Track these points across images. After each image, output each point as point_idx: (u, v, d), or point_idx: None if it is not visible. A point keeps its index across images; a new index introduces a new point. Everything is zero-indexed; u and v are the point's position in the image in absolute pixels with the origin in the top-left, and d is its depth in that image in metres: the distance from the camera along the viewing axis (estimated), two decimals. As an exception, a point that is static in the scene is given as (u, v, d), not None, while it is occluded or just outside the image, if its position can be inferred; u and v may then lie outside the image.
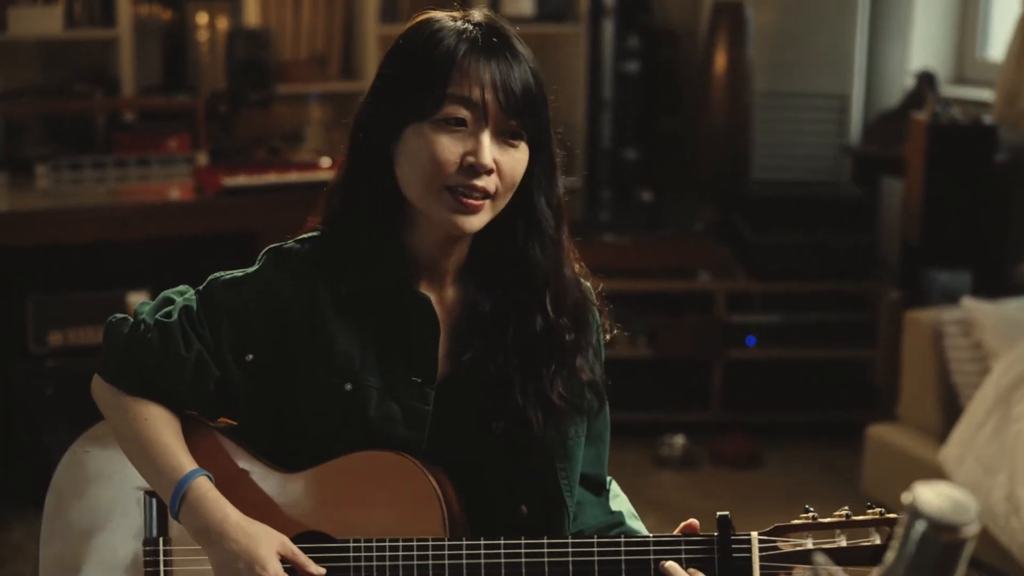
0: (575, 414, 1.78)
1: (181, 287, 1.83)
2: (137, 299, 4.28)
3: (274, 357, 1.75)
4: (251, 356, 1.74)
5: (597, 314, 1.85)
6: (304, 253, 1.76)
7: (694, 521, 1.69)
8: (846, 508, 1.61)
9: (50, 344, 4.19)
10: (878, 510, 1.56)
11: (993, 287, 4.46)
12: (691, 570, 1.64)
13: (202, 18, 5.01)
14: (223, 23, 5.01)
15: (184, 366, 1.73)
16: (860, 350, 4.86)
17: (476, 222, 1.69)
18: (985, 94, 5.04)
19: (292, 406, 1.76)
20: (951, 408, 3.99)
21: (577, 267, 1.82)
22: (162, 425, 1.74)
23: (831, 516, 1.60)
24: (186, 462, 1.71)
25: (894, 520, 1.52)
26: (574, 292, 1.79)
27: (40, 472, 3.96)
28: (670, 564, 1.63)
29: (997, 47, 5.28)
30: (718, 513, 1.64)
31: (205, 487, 1.69)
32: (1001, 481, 3.64)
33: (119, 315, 1.80)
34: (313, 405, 1.73)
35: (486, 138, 1.66)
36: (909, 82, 5.29)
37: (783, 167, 5.31)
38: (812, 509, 1.63)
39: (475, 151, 1.65)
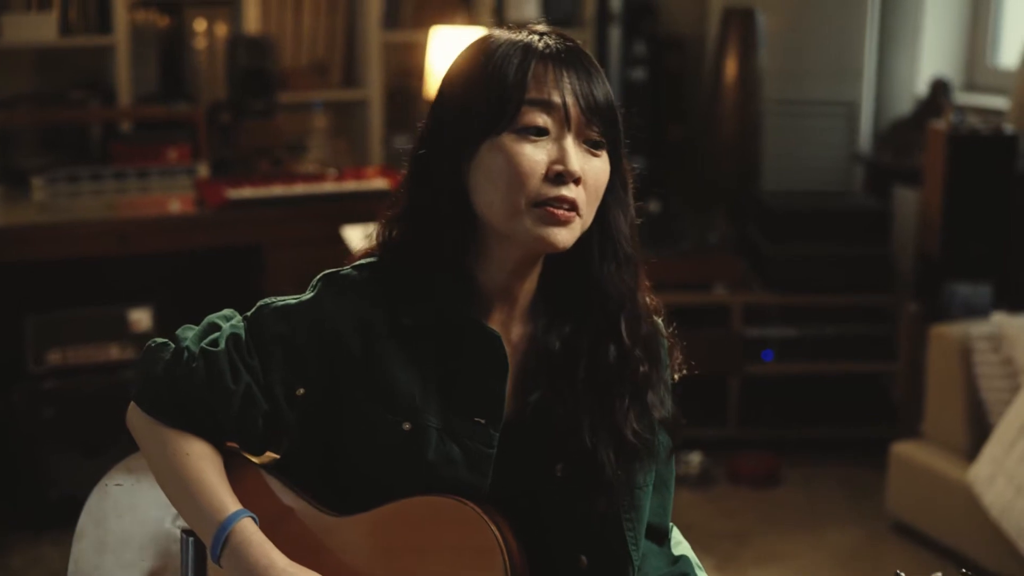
0: (646, 455, 1.68)
1: (226, 311, 1.72)
2: (139, 316, 4.16)
3: (327, 392, 1.64)
4: (302, 390, 1.63)
5: (667, 349, 1.75)
6: (363, 281, 1.65)
7: None
8: (939, 574, 1.53)
9: (49, 364, 4.05)
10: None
11: (1014, 300, 4.38)
12: None
13: (200, 25, 4.88)
14: (222, 30, 4.89)
15: (231, 399, 1.62)
16: (879, 364, 4.76)
17: (568, 236, 1.59)
18: (998, 102, 4.96)
19: (344, 445, 1.65)
20: (979, 426, 3.90)
21: (648, 299, 1.72)
22: (204, 461, 1.63)
23: None
24: (230, 502, 1.60)
25: None
26: (648, 321, 1.70)
27: (39, 496, 3.91)
28: None
29: (1008, 54, 5.20)
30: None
31: (250, 530, 1.58)
32: (1032, 504, 3.56)
33: (159, 339, 1.68)
34: (367, 444, 1.63)
35: (571, 144, 1.57)
36: (920, 89, 5.21)
37: (793, 176, 5.22)
38: (902, 573, 1.54)
39: (562, 158, 1.57)
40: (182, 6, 4.83)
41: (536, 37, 1.61)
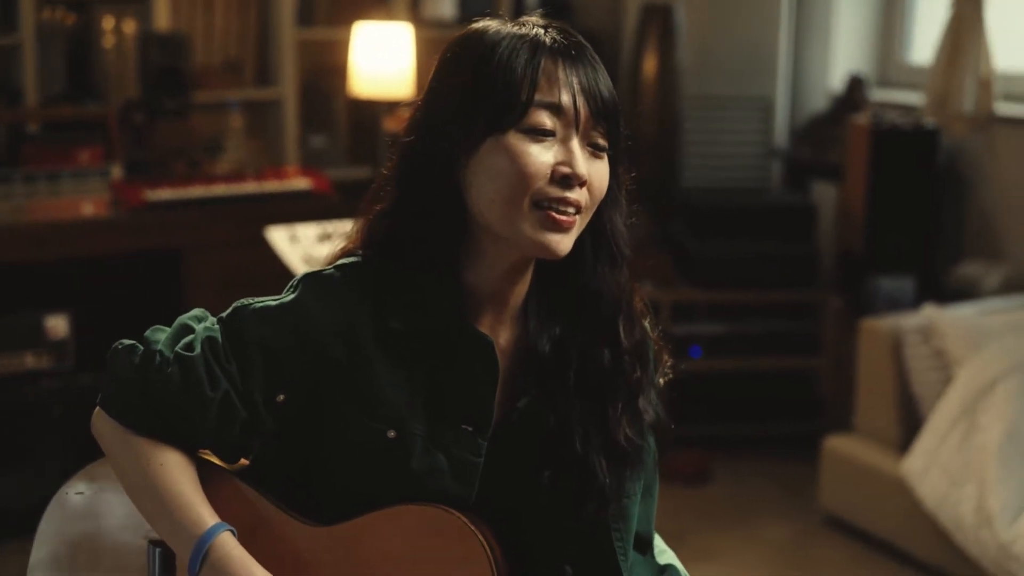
0: (636, 461, 1.64)
1: (196, 311, 1.63)
2: (56, 323, 4.02)
3: (308, 397, 1.56)
4: (283, 396, 1.55)
5: (655, 352, 1.70)
6: (346, 282, 1.57)
7: None
8: None
9: (-38, 374, 3.89)
10: None
11: (936, 293, 4.43)
12: None
13: (108, 22, 4.74)
14: (130, 27, 4.75)
15: (208, 407, 1.53)
16: (805, 359, 4.79)
17: (568, 243, 1.54)
18: (912, 97, 5.03)
19: (324, 452, 1.57)
20: (911, 418, 3.93)
21: (637, 300, 1.68)
22: (179, 472, 1.54)
23: None
24: (207, 516, 1.52)
25: None
26: (641, 325, 1.65)
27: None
28: None
29: (920, 50, 5.28)
30: None
31: (230, 545, 1.51)
32: (969, 493, 3.60)
33: (127, 341, 1.58)
34: (350, 452, 1.55)
35: (577, 146, 1.52)
36: (834, 86, 5.26)
37: (711, 173, 5.22)
38: None
39: (568, 160, 1.51)
40: (89, 4, 4.68)
41: (541, 31, 1.55)
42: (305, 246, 3.91)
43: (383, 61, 4.20)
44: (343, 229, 4.11)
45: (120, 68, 4.73)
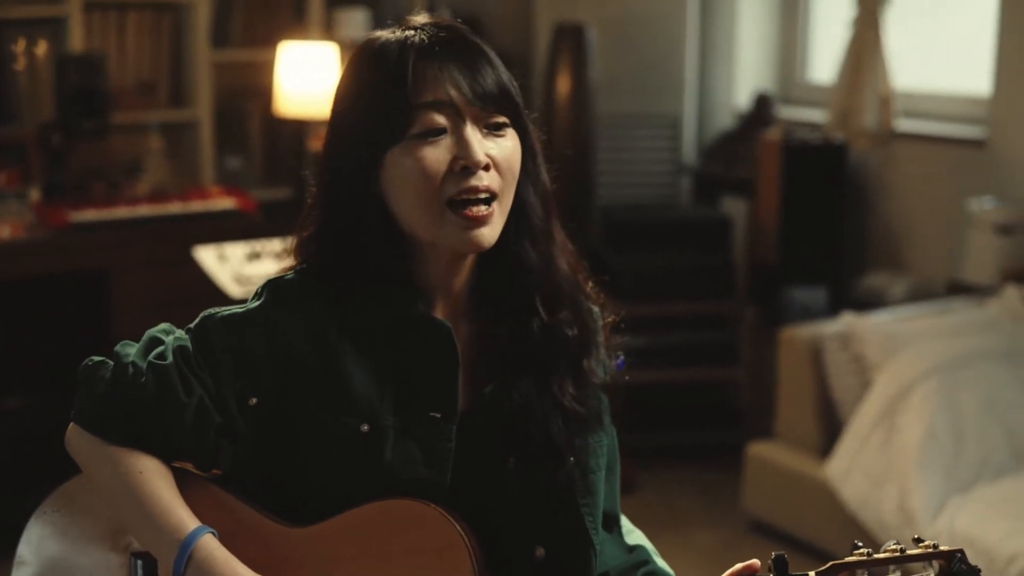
0: (594, 424, 1.68)
1: (164, 326, 1.66)
2: (-21, 348, 3.96)
3: (279, 400, 1.59)
4: (255, 400, 1.59)
5: (596, 311, 1.74)
6: (308, 286, 1.62)
7: (755, 562, 1.61)
8: (896, 542, 1.54)
9: None
10: (930, 542, 1.51)
11: (842, 302, 4.58)
12: None
13: (20, 44, 4.68)
14: (42, 49, 4.70)
15: (184, 413, 1.56)
16: (724, 370, 4.90)
17: (489, 233, 1.58)
18: (813, 114, 5.20)
19: (298, 452, 1.60)
20: (830, 423, 4.06)
21: (569, 263, 1.70)
22: (158, 479, 1.57)
23: (884, 551, 1.53)
24: (188, 519, 1.55)
25: (947, 553, 1.48)
26: (569, 286, 1.68)
27: None
28: None
29: (820, 70, 5.46)
30: (774, 554, 1.56)
31: (213, 546, 1.54)
32: (891, 493, 3.73)
33: (96, 358, 1.61)
34: (324, 449, 1.58)
35: (471, 135, 1.56)
36: (739, 104, 5.41)
37: (624, 190, 5.33)
38: (862, 544, 1.56)
39: (463, 152, 1.55)
40: (0, 25, 4.63)
41: (412, 32, 1.58)
42: (234, 265, 3.92)
43: (307, 81, 4.23)
44: (271, 247, 4.13)
45: (33, 90, 4.68)
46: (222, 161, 5.10)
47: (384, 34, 1.61)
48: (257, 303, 1.62)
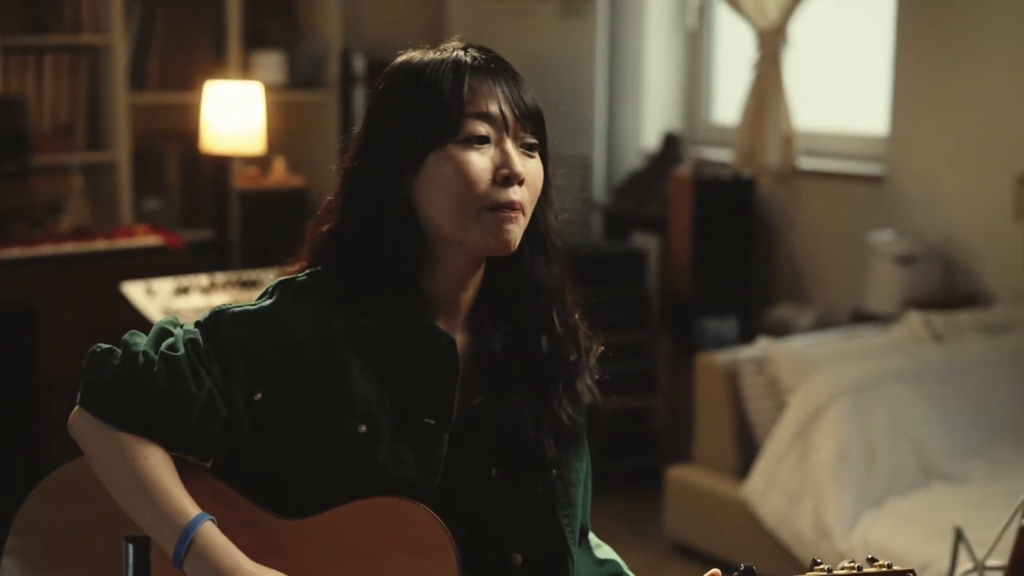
0: (579, 442, 1.77)
1: (171, 318, 1.70)
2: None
3: (283, 396, 1.65)
4: (260, 395, 1.64)
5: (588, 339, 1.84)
6: (318, 287, 1.69)
7: (717, 571, 1.70)
8: (852, 560, 1.63)
9: None
10: (885, 563, 1.60)
11: (752, 333, 4.75)
12: None
13: (-63, 87, 4.70)
14: (-41, 91, 4.72)
15: (193, 405, 1.61)
16: (643, 398, 5.03)
17: (517, 235, 1.66)
18: (718, 154, 5.39)
19: (295, 448, 1.66)
20: (747, 445, 4.20)
21: (569, 293, 1.81)
22: (162, 465, 1.61)
23: (842, 569, 1.62)
24: (190, 506, 1.59)
25: (901, 572, 1.57)
26: (574, 312, 1.79)
27: None
28: None
29: (723, 111, 5.66)
30: (742, 565, 1.65)
31: (213, 533, 1.58)
32: (807, 509, 3.87)
33: (104, 345, 1.64)
34: (321, 447, 1.64)
35: (511, 148, 1.66)
36: (647, 144, 5.59)
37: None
38: (821, 561, 1.64)
39: (506, 162, 1.64)
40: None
41: (462, 52, 1.70)
42: (162, 299, 3.96)
43: (234, 119, 4.30)
44: (198, 282, 4.17)
45: (-49, 132, 4.69)
46: (140, 202, 5.13)
47: (422, 54, 1.70)
48: (269, 301, 1.68)
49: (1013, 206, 4.63)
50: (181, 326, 1.68)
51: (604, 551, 1.91)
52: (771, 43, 5.11)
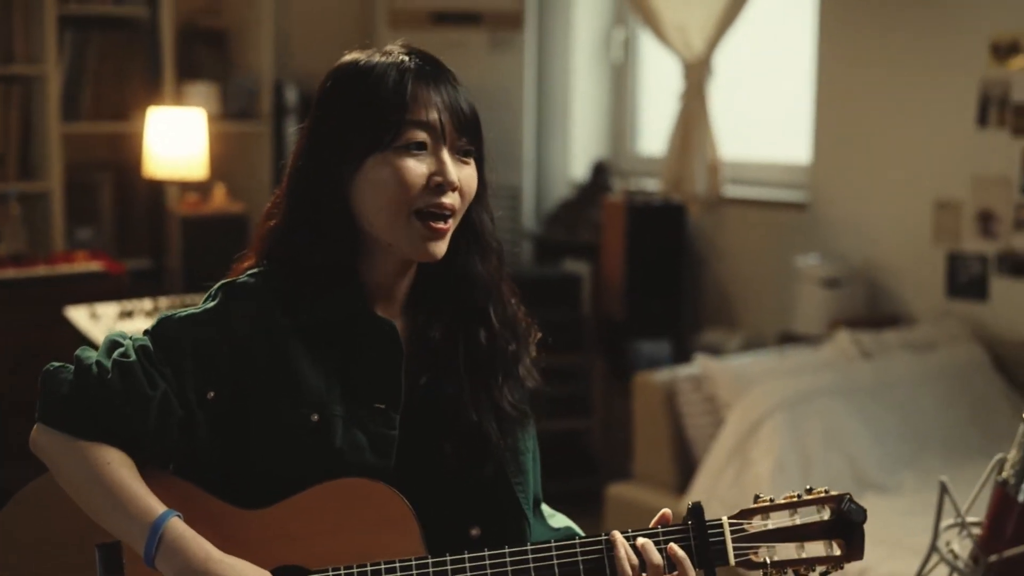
0: (525, 423, 1.84)
1: (117, 332, 1.76)
2: None
3: (235, 392, 1.70)
4: (212, 393, 1.69)
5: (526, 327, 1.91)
6: (260, 286, 1.74)
7: (667, 511, 1.77)
8: (797, 491, 1.73)
9: None
10: (822, 489, 1.71)
11: (683, 355, 4.86)
12: (670, 546, 1.68)
13: None
14: None
15: (149, 406, 1.65)
16: (579, 419, 5.10)
17: (443, 247, 1.74)
18: (644, 184, 5.51)
19: (250, 443, 1.71)
20: (685, 461, 4.30)
21: (506, 284, 1.88)
22: (124, 469, 1.65)
23: (784, 498, 1.72)
24: (156, 505, 1.63)
25: (837, 496, 1.68)
26: (510, 305, 1.86)
27: None
28: (643, 542, 1.67)
29: (648, 141, 5.80)
30: (690, 502, 1.73)
31: (181, 527, 1.63)
32: (746, 521, 3.97)
33: (56, 363, 1.70)
34: (276, 438, 1.70)
35: (447, 156, 1.72)
36: (575, 173, 5.70)
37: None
38: (761, 494, 1.74)
39: (440, 170, 1.71)
40: None
41: (405, 57, 1.76)
42: (107, 323, 3.97)
43: (177, 145, 4.33)
44: (142, 306, 4.18)
45: None
46: (73, 232, 5.12)
47: (368, 56, 1.76)
48: (212, 303, 1.73)
49: (932, 230, 4.80)
50: (129, 338, 1.72)
51: (559, 520, 1.97)
52: (696, 74, 5.26)
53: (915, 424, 4.28)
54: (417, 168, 1.70)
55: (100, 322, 3.97)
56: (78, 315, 4.01)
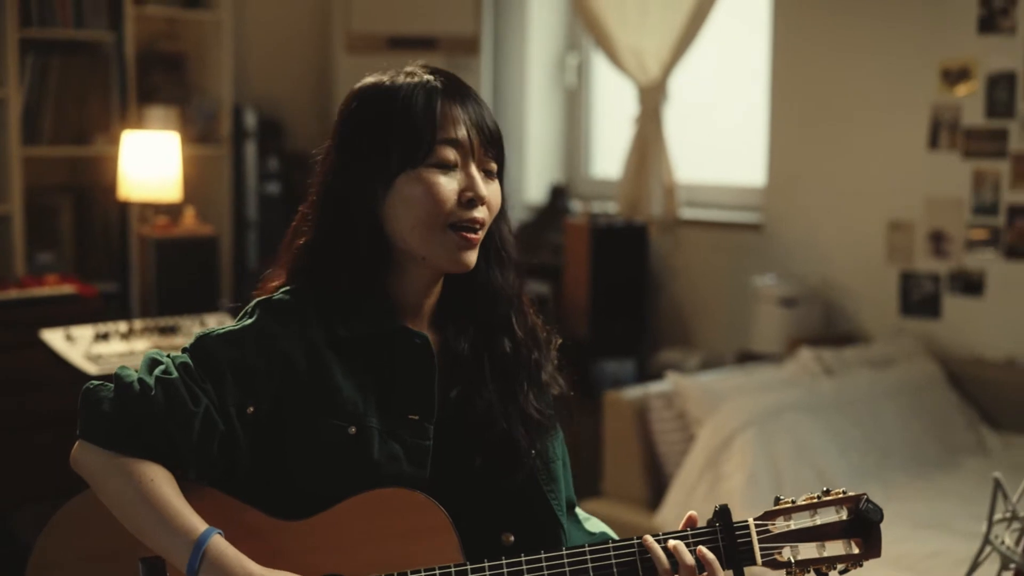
0: (552, 429, 1.90)
1: (156, 350, 1.79)
2: None
3: (274, 407, 1.74)
4: (252, 408, 1.73)
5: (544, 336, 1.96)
6: (296, 302, 1.78)
7: (694, 513, 1.83)
8: (816, 493, 1.78)
9: None
10: (840, 490, 1.76)
11: (645, 374, 4.94)
12: (700, 548, 1.73)
13: None
14: None
15: (192, 423, 1.69)
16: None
17: (475, 257, 1.80)
18: (600, 205, 5.61)
19: (289, 455, 1.74)
20: (656, 477, 4.37)
21: (524, 294, 1.94)
22: (167, 486, 1.68)
23: (804, 499, 1.78)
24: (198, 522, 1.66)
25: (855, 497, 1.74)
26: (530, 314, 1.92)
27: None
28: (675, 544, 1.73)
29: (602, 164, 5.89)
30: (717, 505, 1.80)
31: (223, 545, 1.65)
32: (719, 534, 4.05)
33: (95, 381, 1.73)
34: (315, 452, 1.73)
35: (475, 172, 1.78)
36: (532, 196, 5.78)
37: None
38: (783, 496, 1.79)
39: (470, 186, 1.77)
40: None
41: (431, 77, 1.82)
42: (83, 345, 3.96)
43: (151, 167, 4.34)
44: (117, 328, 4.18)
45: None
46: (33, 256, 5.09)
47: (391, 78, 1.81)
48: (250, 320, 1.77)
49: (886, 250, 4.94)
50: (168, 355, 1.76)
51: (593, 524, 2.02)
52: (652, 99, 5.37)
53: (877, 438, 4.40)
54: (449, 184, 1.76)
55: (76, 344, 3.96)
56: (53, 337, 3.99)
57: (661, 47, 5.33)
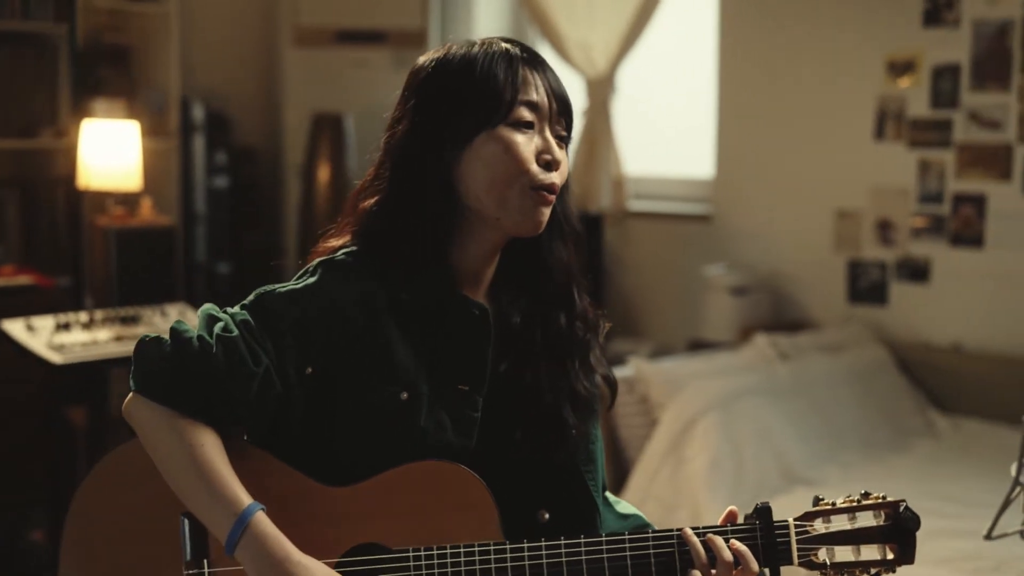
0: (595, 409, 1.89)
1: (212, 305, 1.77)
2: None
3: (332, 368, 1.73)
4: (311, 369, 1.72)
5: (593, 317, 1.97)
6: (358, 264, 1.77)
7: (734, 508, 1.83)
8: (850, 495, 1.79)
9: None
10: (880, 495, 1.77)
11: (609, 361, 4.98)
12: (732, 540, 1.74)
13: None
14: None
15: (252, 382, 1.67)
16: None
17: (546, 219, 1.78)
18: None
19: (339, 417, 1.73)
20: (618, 462, 4.41)
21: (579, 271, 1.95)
22: (216, 452, 1.66)
23: (844, 502, 1.78)
24: (243, 495, 1.65)
25: (894, 503, 1.75)
26: (586, 293, 1.91)
27: None
28: (713, 538, 1.73)
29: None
30: (758, 503, 1.80)
31: (265, 523, 1.64)
32: (683, 516, 4.10)
33: (151, 335, 1.71)
34: (365, 414, 1.73)
35: (551, 136, 1.78)
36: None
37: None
38: (823, 497, 1.80)
39: (548, 148, 1.77)
40: None
41: (509, 45, 1.83)
42: (45, 335, 3.92)
43: (111, 157, 4.30)
44: (77, 319, 4.14)
45: None
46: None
47: (468, 47, 1.81)
48: (312, 279, 1.75)
49: (833, 239, 5.04)
50: (226, 311, 1.74)
51: (624, 506, 2.02)
52: (600, 92, 5.43)
53: (833, 421, 4.48)
54: (527, 145, 1.75)
55: (37, 334, 3.92)
56: (14, 328, 3.94)
57: (609, 41, 5.39)
